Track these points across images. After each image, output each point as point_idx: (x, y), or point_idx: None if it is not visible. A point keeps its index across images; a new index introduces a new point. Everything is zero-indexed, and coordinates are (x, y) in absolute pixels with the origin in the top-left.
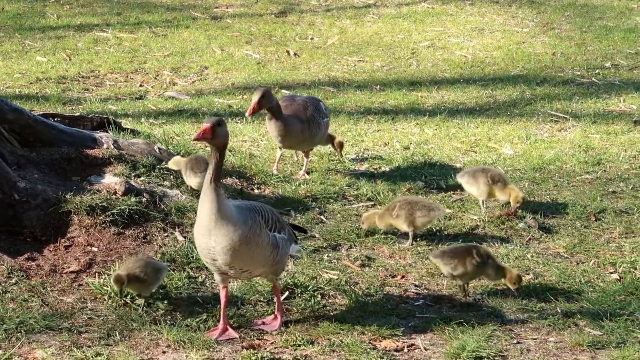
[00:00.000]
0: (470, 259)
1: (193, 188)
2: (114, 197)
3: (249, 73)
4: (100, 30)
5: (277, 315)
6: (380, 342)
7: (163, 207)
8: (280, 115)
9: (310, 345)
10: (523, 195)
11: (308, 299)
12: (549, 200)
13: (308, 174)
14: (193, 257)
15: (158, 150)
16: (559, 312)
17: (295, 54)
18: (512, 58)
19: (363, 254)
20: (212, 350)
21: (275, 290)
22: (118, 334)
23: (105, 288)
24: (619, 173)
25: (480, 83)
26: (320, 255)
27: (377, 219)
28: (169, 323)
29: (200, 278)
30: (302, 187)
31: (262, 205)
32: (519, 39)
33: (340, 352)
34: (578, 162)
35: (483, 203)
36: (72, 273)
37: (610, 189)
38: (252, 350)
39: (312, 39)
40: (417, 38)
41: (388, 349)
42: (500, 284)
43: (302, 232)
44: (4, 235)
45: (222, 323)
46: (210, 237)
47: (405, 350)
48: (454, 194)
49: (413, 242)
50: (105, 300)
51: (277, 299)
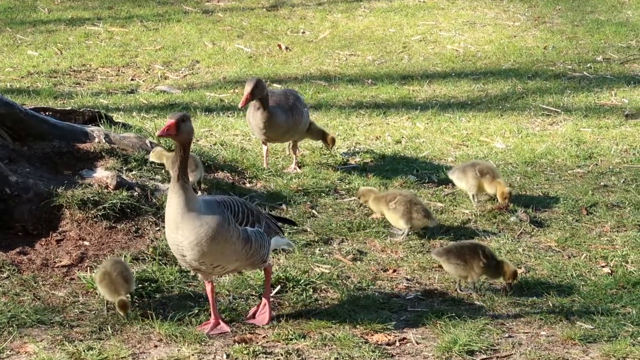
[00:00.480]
0: (478, 261)
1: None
2: (106, 191)
3: (241, 67)
4: (92, 24)
5: (265, 303)
6: (372, 336)
7: (155, 201)
8: (268, 106)
9: (302, 339)
10: (510, 190)
11: (300, 293)
12: (541, 194)
13: (300, 168)
14: None
15: (149, 144)
16: (551, 306)
17: (287, 48)
18: (503, 52)
19: (355, 248)
20: (204, 345)
21: (267, 274)
22: (110, 328)
23: None
24: (611, 167)
25: (472, 77)
26: (312, 249)
27: (371, 201)
28: (161, 317)
29: (192, 272)
30: (293, 181)
31: (232, 199)
32: (511, 33)
33: (332, 346)
34: (569, 156)
35: (474, 197)
36: (63, 267)
37: (602, 183)
38: (244, 345)
39: (303, 33)
40: (408, 32)
41: (380, 343)
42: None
43: (291, 224)
44: None
45: (213, 317)
46: (178, 231)
47: (397, 344)
48: (446, 188)
49: (391, 232)
50: (97, 295)
51: (266, 283)
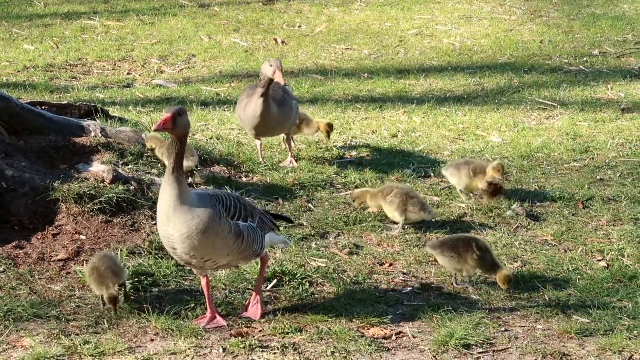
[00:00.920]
0: (471, 253)
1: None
2: (102, 185)
3: (237, 61)
4: (88, 18)
5: (255, 295)
6: (368, 329)
7: (151, 195)
8: (268, 95)
9: (298, 333)
10: (500, 162)
11: (296, 287)
12: (537, 188)
13: (296, 162)
14: None
15: (145, 138)
16: (547, 299)
17: (283, 42)
18: (499, 46)
19: (351, 242)
20: (200, 338)
21: (262, 265)
22: (106, 322)
23: None
24: (607, 161)
25: (468, 71)
26: (308, 243)
27: (368, 198)
28: (157, 311)
29: (187, 267)
30: (290, 175)
31: (225, 193)
32: (507, 27)
33: (328, 339)
34: (566, 149)
35: (462, 192)
36: (60, 261)
37: (598, 177)
38: (240, 338)
39: (299, 27)
40: (404, 26)
41: (376, 337)
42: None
43: (287, 222)
44: None
45: (209, 311)
46: (169, 224)
47: (393, 338)
48: (442, 182)
49: (401, 229)
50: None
51: (260, 274)
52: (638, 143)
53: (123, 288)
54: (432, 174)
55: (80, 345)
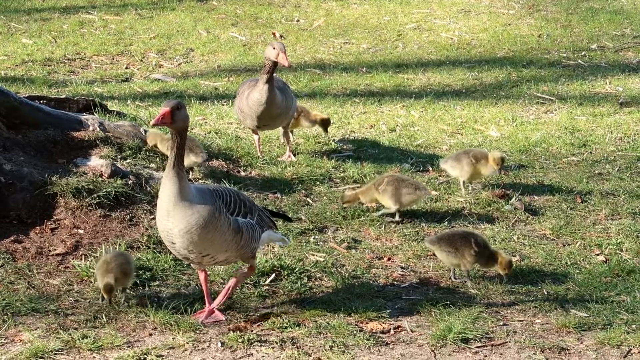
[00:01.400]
0: (469, 249)
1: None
2: (100, 179)
3: (235, 55)
4: (86, 13)
5: (226, 292)
6: (367, 324)
7: (149, 189)
8: (273, 82)
9: (297, 328)
10: (501, 155)
11: (294, 281)
12: (535, 182)
13: (294, 156)
14: None
15: (144, 133)
16: (545, 294)
17: (281, 36)
18: (498, 40)
19: (349, 236)
20: (198, 333)
21: (249, 271)
22: (104, 317)
23: (92, 270)
24: (605, 155)
25: (466, 65)
26: (307, 238)
27: (361, 194)
28: (156, 305)
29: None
30: (288, 169)
31: (225, 189)
32: (505, 21)
33: (327, 334)
34: (564, 144)
35: (464, 184)
36: (58, 255)
37: (596, 171)
38: (238, 333)
39: (298, 21)
40: (403, 20)
41: (374, 331)
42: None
43: (286, 220)
44: None
45: (208, 305)
46: (169, 219)
47: (392, 332)
48: (440, 176)
49: (398, 221)
50: (92, 283)
51: (233, 282)
52: (636, 137)
53: (125, 291)
54: (430, 169)
55: (79, 340)
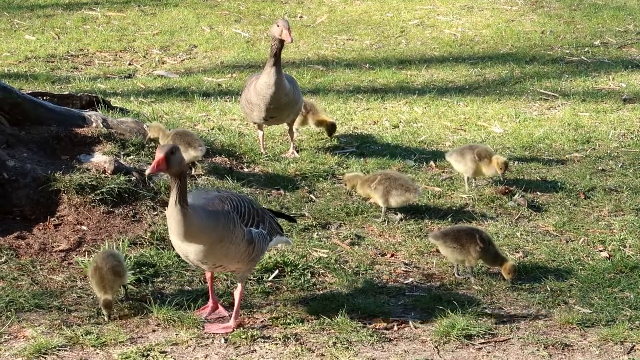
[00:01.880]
0: (474, 245)
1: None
2: (103, 175)
3: (238, 52)
4: (89, 9)
5: (233, 314)
6: (370, 320)
7: (152, 185)
8: (280, 67)
9: (300, 324)
10: (505, 160)
11: (298, 278)
12: (538, 179)
13: (298, 153)
14: None
15: (147, 129)
16: (549, 290)
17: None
18: (501, 36)
19: (353, 233)
20: (202, 329)
21: (240, 293)
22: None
23: None
24: (608, 151)
25: (470, 61)
26: (310, 234)
27: (359, 185)
28: (159, 302)
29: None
30: (291, 165)
31: (239, 198)
32: (508, 17)
33: (330, 330)
34: (567, 140)
35: (468, 180)
36: (61, 252)
37: (600, 167)
38: (242, 329)
39: (301, 18)
40: (406, 16)
41: (378, 327)
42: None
43: (290, 221)
44: None
45: (211, 302)
46: (182, 245)
47: (395, 329)
48: (443, 172)
49: (387, 217)
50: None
51: (237, 301)
52: (639, 133)
53: (125, 289)
54: (433, 164)
55: (82, 336)
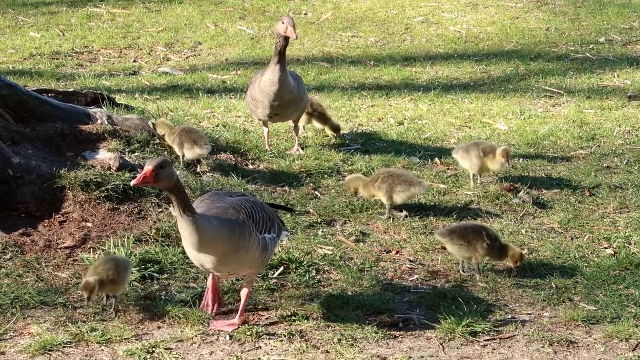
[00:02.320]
0: (481, 242)
1: (189, 159)
2: (108, 172)
3: (243, 48)
4: (94, 6)
5: (238, 312)
6: (375, 317)
7: None
8: (284, 63)
9: (305, 320)
10: (506, 148)
11: (303, 274)
12: (543, 176)
13: (302, 149)
14: None
15: (152, 126)
16: (554, 287)
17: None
18: (506, 33)
19: (357, 230)
20: (206, 326)
21: (247, 293)
22: (113, 310)
23: None
24: (613, 148)
25: (474, 58)
26: (315, 231)
27: (361, 187)
28: (164, 298)
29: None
30: (296, 162)
31: (253, 205)
32: (513, 14)
33: (335, 327)
34: (572, 137)
35: (474, 177)
36: (66, 248)
37: (605, 164)
38: (247, 326)
39: (305, 14)
40: (410, 13)
41: (383, 324)
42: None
43: (288, 211)
44: None
45: (213, 297)
46: (198, 255)
47: (400, 325)
48: (449, 169)
49: (392, 214)
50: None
51: (243, 300)
52: None
53: (115, 300)
54: (438, 161)
55: (87, 333)
